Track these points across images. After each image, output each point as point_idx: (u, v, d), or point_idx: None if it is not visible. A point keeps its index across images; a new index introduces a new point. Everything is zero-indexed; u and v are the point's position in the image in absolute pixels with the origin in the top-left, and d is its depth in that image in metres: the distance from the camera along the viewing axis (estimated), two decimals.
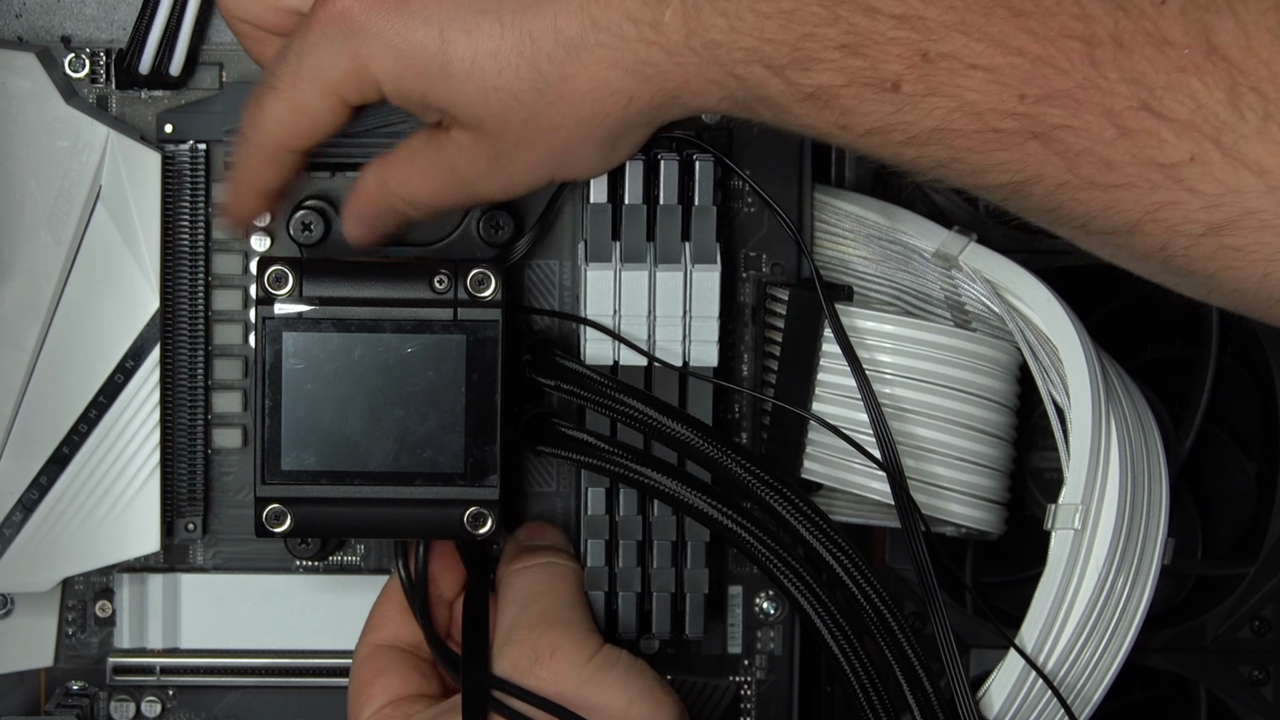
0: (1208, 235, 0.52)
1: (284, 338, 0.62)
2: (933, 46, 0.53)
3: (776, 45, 0.55)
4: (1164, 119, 0.51)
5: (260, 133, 0.61)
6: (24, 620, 0.71)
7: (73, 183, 0.67)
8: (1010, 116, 0.52)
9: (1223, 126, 0.50)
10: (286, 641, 0.72)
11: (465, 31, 0.57)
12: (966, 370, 0.67)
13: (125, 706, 0.72)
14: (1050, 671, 0.64)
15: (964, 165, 0.55)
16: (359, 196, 0.64)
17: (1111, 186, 0.52)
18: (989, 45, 0.52)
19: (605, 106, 0.58)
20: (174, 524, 0.71)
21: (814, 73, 0.54)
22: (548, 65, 0.57)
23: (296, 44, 0.59)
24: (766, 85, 0.56)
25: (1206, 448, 0.77)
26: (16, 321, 0.67)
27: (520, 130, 0.59)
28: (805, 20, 0.54)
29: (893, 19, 0.53)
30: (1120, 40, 0.51)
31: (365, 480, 0.63)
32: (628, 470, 0.65)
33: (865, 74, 0.54)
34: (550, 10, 0.56)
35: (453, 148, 0.60)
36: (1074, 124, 0.52)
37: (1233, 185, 0.50)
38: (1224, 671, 0.75)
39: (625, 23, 0.56)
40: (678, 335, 0.67)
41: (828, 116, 0.55)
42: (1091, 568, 0.64)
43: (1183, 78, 0.50)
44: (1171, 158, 0.51)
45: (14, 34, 0.69)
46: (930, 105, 0.53)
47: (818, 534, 0.63)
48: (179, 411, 0.70)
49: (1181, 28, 0.50)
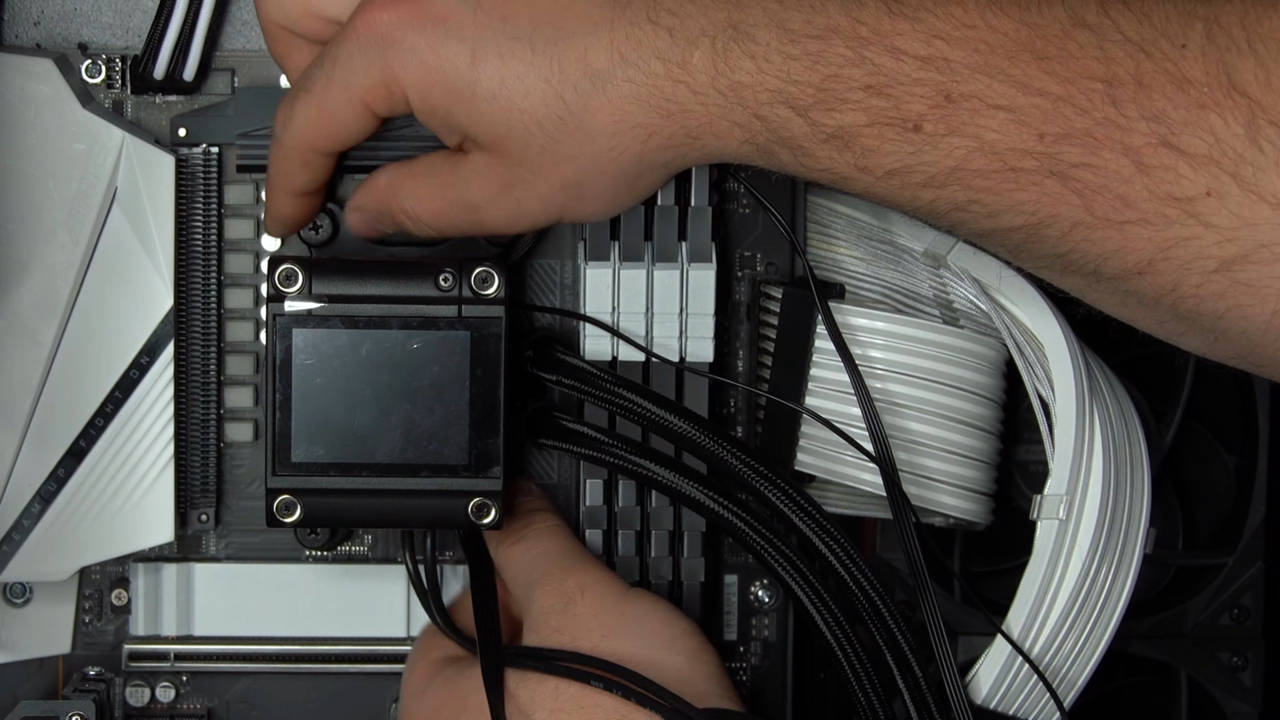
0: (1219, 271, 0.51)
1: (294, 334, 0.62)
2: (956, 87, 0.52)
3: (802, 86, 0.54)
4: (1182, 154, 0.50)
5: (289, 133, 0.61)
6: (42, 608, 0.71)
7: (89, 184, 0.67)
8: (1029, 156, 0.52)
9: (1241, 160, 0.50)
10: (296, 629, 0.72)
11: (497, 54, 0.57)
12: (954, 366, 0.67)
13: (140, 691, 0.72)
14: (1036, 657, 0.64)
15: (981, 207, 0.54)
16: (368, 192, 0.63)
17: (1126, 224, 0.52)
18: (1011, 86, 0.52)
19: (624, 141, 0.57)
20: (187, 515, 0.71)
21: (838, 113, 0.54)
22: (573, 95, 0.56)
23: (332, 50, 0.59)
24: (789, 126, 0.55)
25: (1187, 441, 0.77)
26: (35, 319, 0.67)
27: (538, 156, 0.58)
28: (832, 61, 0.54)
29: (918, 60, 0.53)
30: (1141, 80, 0.51)
31: (373, 472, 0.63)
32: (626, 462, 0.65)
33: (888, 114, 0.54)
34: (582, 42, 0.56)
35: (468, 168, 0.60)
36: (1092, 162, 0.51)
37: (1248, 218, 0.50)
38: (1204, 658, 0.75)
39: (654, 60, 0.56)
40: (675, 332, 0.67)
41: (848, 158, 0.55)
42: (1076, 557, 0.64)
43: (1202, 114, 0.50)
44: (1188, 192, 0.50)
45: (32, 41, 0.69)
46: (950, 145, 0.53)
47: (811, 524, 0.63)
48: (192, 406, 0.70)
49: (1202, 67, 0.50)
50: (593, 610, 0.62)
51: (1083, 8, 0.52)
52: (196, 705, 0.73)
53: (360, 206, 0.64)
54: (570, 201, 0.60)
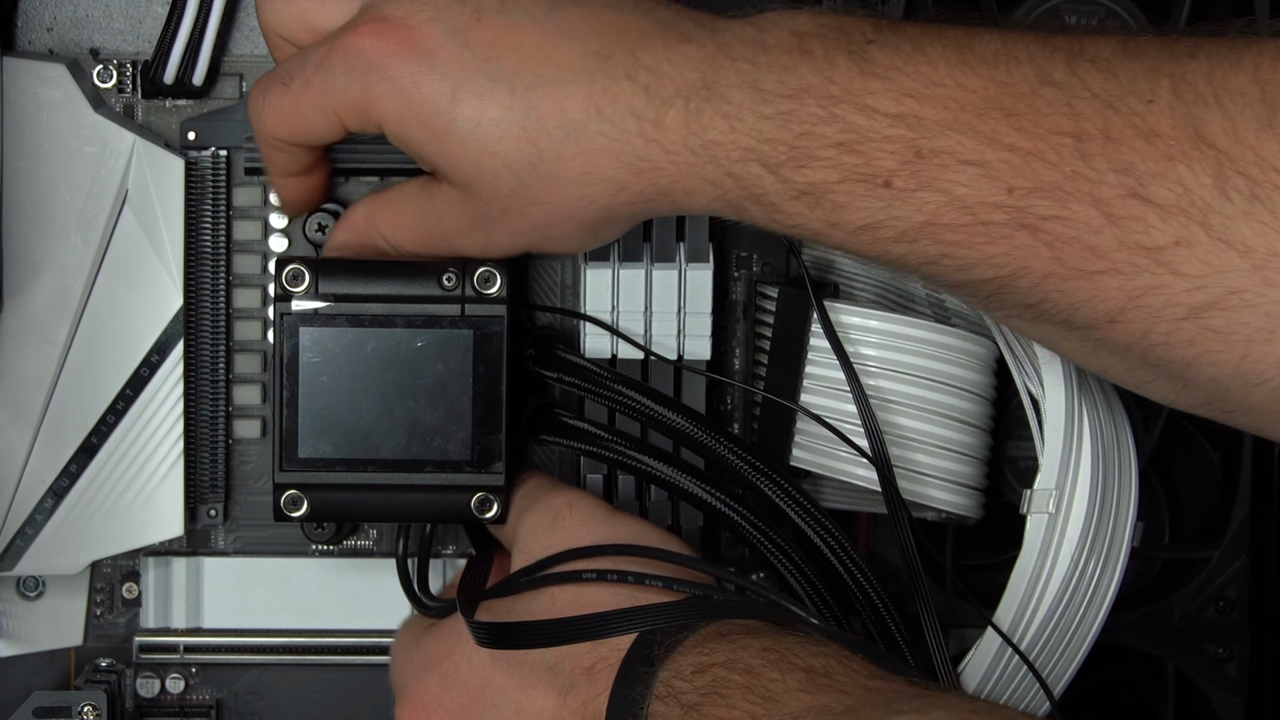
0: (1189, 319, 0.51)
1: (301, 333, 0.62)
2: (926, 143, 0.52)
3: (774, 144, 0.54)
4: (1151, 204, 0.50)
5: (259, 120, 0.61)
6: (55, 601, 0.72)
7: (101, 187, 0.67)
8: (999, 209, 0.52)
9: (1209, 210, 0.49)
10: (303, 621, 0.72)
11: (476, 95, 0.56)
12: (946, 363, 0.67)
13: (150, 683, 0.72)
14: (1026, 649, 0.64)
15: (953, 260, 0.54)
16: (346, 229, 0.64)
17: (1097, 273, 0.51)
18: (981, 142, 0.51)
19: (594, 192, 0.57)
20: (197, 510, 0.71)
21: (809, 169, 0.54)
22: (546, 143, 0.56)
23: (317, 55, 0.59)
24: (761, 183, 0.55)
25: (1173, 438, 0.77)
26: (48, 318, 0.67)
27: (508, 199, 0.58)
28: (804, 119, 0.53)
29: (889, 118, 0.52)
30: (1109, 134, 0.50)
31: (378, 467, 0.63)
32: (626, 457, 0.65)
33: (859, 170, 0.53)
34: (560, 92, 0.56)
35: (441, 200, 0.60)
36: (1062, 214, 0.51)
37: (1217, 266, 0.50)
38: (1190, 650, 0.75)
39: (629, 117, 0.55)
40: (673, 330, 0.67)
41: (819, 214, 0.54)
42: (1065, 551, 0.64)
43: (1171, 166, 0.50)
44: (1158, 241, 0.50)
45: (45, 46, 0.69)
46: (921, 200, 0.53)
47: (806, 518, 0.63)
48: (201, 403, 0.70)
49: (1170, 121, 0.50)
50: (581, 520, 0.62)
51: (1050, 66, 0.52)
52: (205, 696, 0.73)
53: (342, 244, 0.64)
54: (538, 241, 0.60)
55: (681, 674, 0.54)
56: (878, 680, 0.52)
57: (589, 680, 0.57)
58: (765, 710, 0.51)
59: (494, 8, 0.57)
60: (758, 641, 0.54)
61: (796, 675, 0.52)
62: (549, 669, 0.58)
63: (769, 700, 0.51)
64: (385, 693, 0.72)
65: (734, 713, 0.51)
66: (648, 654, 0.55)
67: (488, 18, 0.56)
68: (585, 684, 0.57)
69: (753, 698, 0.52)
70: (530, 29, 0.56)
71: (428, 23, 0.56)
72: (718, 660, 0.54)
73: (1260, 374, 0.51)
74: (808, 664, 0.53)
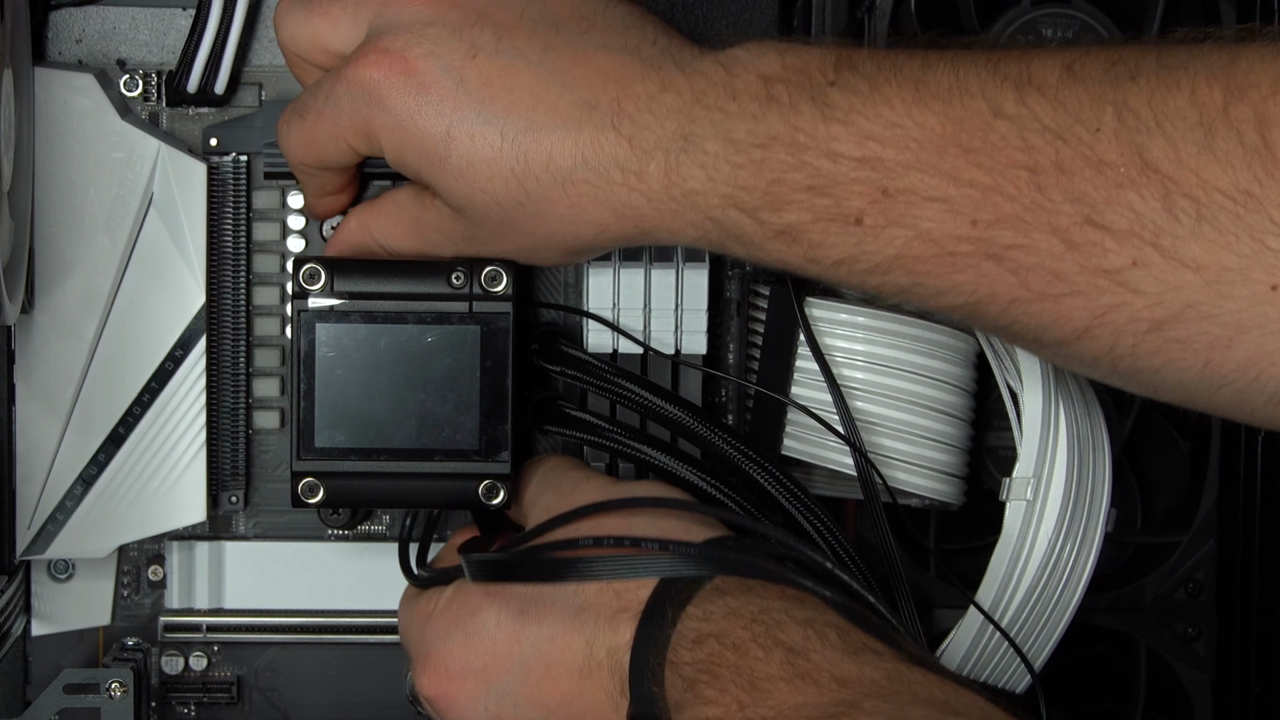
0: (1152, 332, 0.51)
1: (317, 329, 0.62)
2: (891, 183, 0.52)
3: (749, 191, 0.54)
4: (1106, 230, 0.50)
5: (286, 150, 0.62)
6: (84, 583, 0.72)
7: (128, 190, 0.67)
8: (965, 241, 0.52)
9: (1160, 231, 0.50)
10: (319, 602, 0.72)
11: (468, 136, 0.56)
12: (929, 358, 0.67)
13: (175, 660, 0.72)
14: (1006, 627, 0.64)
15: (924, 289, 0.54)
16: (342, 238, 0.64)
17: (1062, 296, 0.52)
18: (942, 179, 0.52)
19: (578, 230, 0.57)
20: (219, 497, 0.71)
21: (784, 212, 0.54)
22: (534, 185, 0.56)
23: (326, 86, 0.59)
24: (740, 225, 0.55)
25: (1145, 428, 0.77)
26: (77, 315, 0.67)
27: (496, 227, 0.58)
28: (774, 167, 0.54)
29: (854, 161, 0.53)
30: (1061, 166, 0.50)
31: (390, 456, 0.63)
32: (626, 447, 0.65)
33: (830, 211, 0.53)
34: (549, 139, 0.56)
35: (433, 216, 0.60)
36: (1024, 243, 0.51)
37: (1173, 283, 0.50)
38: (1161, 629, 0.75)
39: (613, 168, 0.55)
40: (670, 327, 0.67)
41: (797, 250, 0.55)
42: (1042, 535, 0.64)
43: (1120, 193, 0.50)
44: (1115, 264, 0.50)
45: (74, 57, 0.70)
46: (890, 235, 0.53)
47: (796, 504, 0.63)
48: (223, 396, 0.70)
49: (1116, 149, 0.50)
50: (600, 486, 0.62)
51: (1001, 98, 0.52)
52: (227, 673, 0.73)
53: (338, 254, 0.64)
54: (525, 258, 0.61)
55: (684, 641, 0.54)
56: (852, 662, 0.52)
57: (612, 632, 0.57)
58: (751, 699, 0.51)
59: (489, 45, 0.56)
60: (749, 607, 0.54)
61: (778, 655, 0.52)
62: (574, 620, 0.58)
63: (754, 688, 0.51)
64: (397, 668, 0.73)
65: (724, 697, 0.52)
66: (661, 613, 0.55)
67: (483, 55, 0.56)
68: (609, 635, 0.57)
69: (741, 682, 0.52)
70: (523, 71, 0.56)
71: (424, 57, 0.56)
72: (712, 630, 0.54)
73: (1224, 377, 0.51)
74: (789, 639, 0.53)
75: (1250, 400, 0.52)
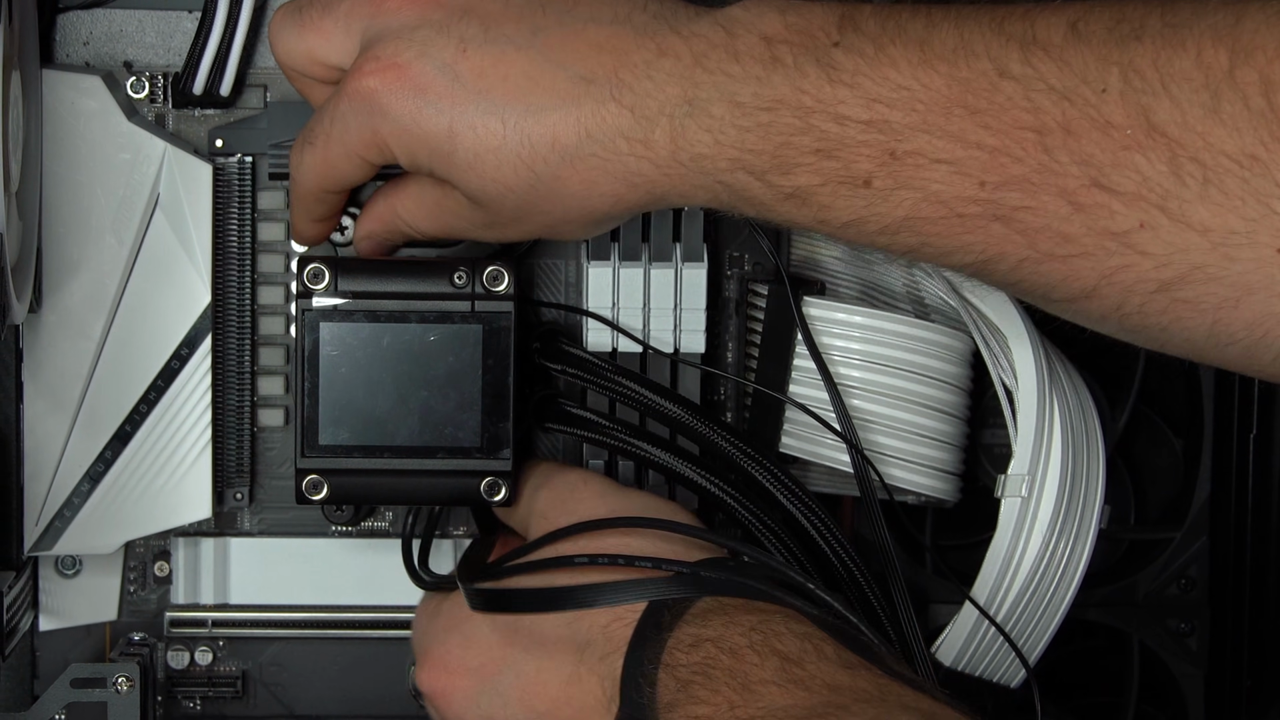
0: (1159, 292, 0.51)
1: (321, 328, 0.62)
2: (899, 145, 0.52)
3: (757, 154, 0.54)
4: (1113, 193, 0.50)
5: (301, 178, 0.62)
6: (91, 579, 0.72)
7: (134, 191, 0.67)
8: (973, 203, 0.52)
9: (1167, 194, 0.49)
10: (323, 598, 0.73)
11: (471, 128, 0.56)
12: (925, 356, 0.67)
13: (180, 655, 0.73)
14: (1001, 622, 0.64)
15: (933, 249, 0.54)
16: (371, 218, 0.64)
17: (1069, 257, 0.52)
18: (950, 141, 0.51)
19: (593, 204, 0.57)
20: (224, 494, 0.71)
21: (793, 175, 0.54)
22: (543, 167, 0.56)
23: (330, 108, 0.59)
24: (750, 188, 0.55)
25: (1138, 425, 0.77)
26: (84, 314, 0.67)
27: (513, 212, 0.58)
28: (782, 130, 0.53)
29: (861, 124, 0.52)
30: (1068, 127, 0.50)
31: (393, 453, 0.63)
32: (626, 444, 0.65)
33: (839, 173, 0.53)
34: (550, 120, 0.55)
35: (454, 204, 0.60)
36: (1032, 204, 0.51)
37: (1180, 245, 0.50)
38: (1154, 625, 0.75)
39: (618, 138, 0.55)
40: (670, 326, 0.67)
41: (807, 212, 0.55)
42: (1036, 532, 0.64)
43: (1127, 155, 0.50)
44: (1123, 226, 0.50)
45: (82, 59, 0.70)
46: (900, 198, 0.53)
47: (794, 501, 0.64)
48: (228, 394, 0.71)
49: (1122, 111, 0.50)
50: (596, 492, 0.63)
51: (1006, 58, 0.51)
52: (232, 668, 0.73)
53: (370, 234, 0.64)
54: (548, 235, 0.61)
55: (681, 644, 0.54)
56: (845, 672, 0.52)
57: (605, 639, 0.57)
58: (742, 699, 0.51)
59: (478, 37, 0.56)
60: (748, 618, 0.55)
61: (773, 663, 0.52)
62: (567, 628, 0.58)
63: (745, 690, 0.52)
64: (399, 663, 0.73)
65: (716, 697, 0.52)
66: (658, 619, 0.56)
67: (473, 48, 0.56)
68: (602, 642, 0.57)
69: (734, 684, 0.52)
70: (515, 57, 0.56)
71: (417, 59, 0.56)
72: (710, 635, 0.54)
73: (1231, 335, 0.51)
74: (786, 648, 0.53)
75: (1258, 357, 0.52)
